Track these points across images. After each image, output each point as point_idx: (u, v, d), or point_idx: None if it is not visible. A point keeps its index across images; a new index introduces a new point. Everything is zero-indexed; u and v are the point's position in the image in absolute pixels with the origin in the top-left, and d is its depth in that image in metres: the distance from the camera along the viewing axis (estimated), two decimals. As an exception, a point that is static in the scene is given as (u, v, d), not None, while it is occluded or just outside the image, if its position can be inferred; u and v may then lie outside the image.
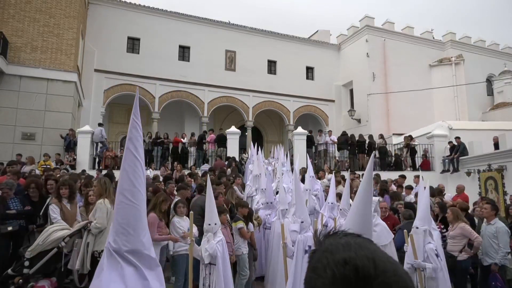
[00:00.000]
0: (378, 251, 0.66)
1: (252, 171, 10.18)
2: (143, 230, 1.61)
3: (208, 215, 4.24)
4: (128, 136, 1.63)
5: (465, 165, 13.81)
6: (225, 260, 4.25)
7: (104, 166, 12.96)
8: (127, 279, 1.44)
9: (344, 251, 0.65)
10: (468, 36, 24.72)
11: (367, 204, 2.40)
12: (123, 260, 1.48)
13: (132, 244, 1.50)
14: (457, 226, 5.23)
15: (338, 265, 0.63)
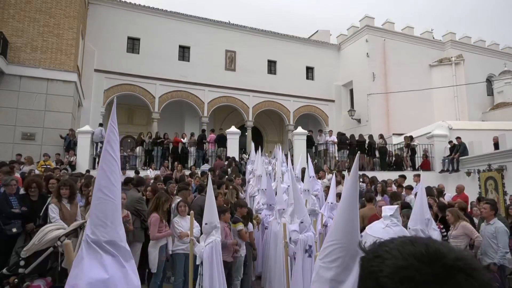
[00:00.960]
0: None
1: (252, 171, 10.19)
2: (119, 224, 1.75)
3: (206, 215, 4.23)
4: (106, 139, 1.80)
5: (465, 165, 13.81)
6: (215, 260, 4.19)
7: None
8: (107, 267, 1.55)
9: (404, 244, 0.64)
10: (468, 36, 24.72)
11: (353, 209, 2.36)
12: (102, 250, 1.60)
13: (110, 235, 1.63)
14: (459, 226, 5.24)
15: (404, 245, 0.63)
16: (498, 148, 13.21)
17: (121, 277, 1.56)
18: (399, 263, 0.61)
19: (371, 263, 0.66)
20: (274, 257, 5.67)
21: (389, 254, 0.63)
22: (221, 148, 15.10)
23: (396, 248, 0.63)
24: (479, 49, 24.53)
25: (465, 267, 0.59)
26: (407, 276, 0.59)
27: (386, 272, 0.61)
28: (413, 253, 0.61)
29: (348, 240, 2.33)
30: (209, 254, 4.15)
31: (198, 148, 15.11)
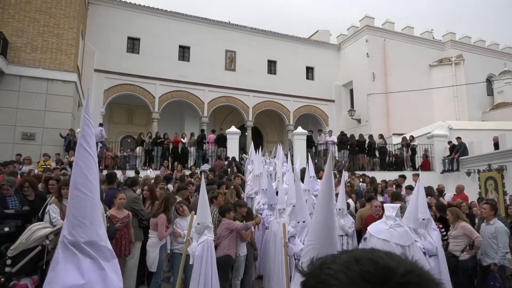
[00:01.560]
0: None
1: (251, 171, 10.18)
2: (99, 222, 1.64)
3: (199, 214, 4.22)
4: (81, 133, 1.69)
5: (465, 165, 13.80)
6: (207, 260, 4.17)
7: (104, 166, 12.96)
8: (84, 270, 1.45)
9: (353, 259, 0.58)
10: (468, 36, 24.72)
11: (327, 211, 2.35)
12: (80, 252, 1.49)
13: (89, 235, 1.52)
14: (459, 226, 5.24)
15: (350, 265, 0.56)
16: (498, 148, 13.21)
17: (99, 281, 1.47)
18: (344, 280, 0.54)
19: (315, 270, 0.60)
20: (274, 257, 5.67)
21: (334, 279, 0.56)
22: (221, 148, 15.10)
23: (341, 270, 0.56)
24: (479, 49, 24.53)
25: (418, 280, 0.55)
26: None
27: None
28: (361, 275, 0.54)
29: (320, 241, 2.34)
30: (200, 253, 4.12)
31: (198, 148, 15.11)
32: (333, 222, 2.37)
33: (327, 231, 2.34)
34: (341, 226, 5.82)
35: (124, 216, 5.08)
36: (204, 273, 4.10)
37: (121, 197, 5.12)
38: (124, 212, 5.14)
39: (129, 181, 6.59)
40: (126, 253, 5.03)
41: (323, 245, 2.33)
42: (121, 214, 5.08)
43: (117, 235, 4.94)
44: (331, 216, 2.36)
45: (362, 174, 11.82)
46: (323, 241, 2.34)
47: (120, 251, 4.94)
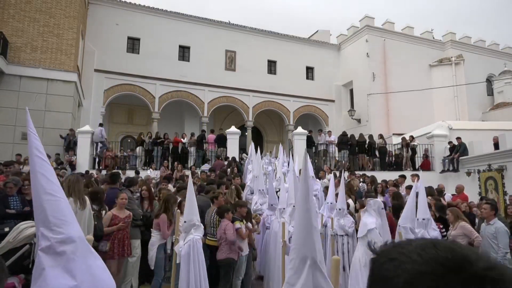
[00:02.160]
0: None
1: (251, 172, 10.19)
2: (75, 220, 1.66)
3: (185, 213, 4.15)
4: (32, 145, 1.77)
5: (465, 165, 13.80)
6: (193, 259, 4.08)
7: (104, 166, 12.96)
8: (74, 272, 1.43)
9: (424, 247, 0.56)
10: (468, 36, 24.73)
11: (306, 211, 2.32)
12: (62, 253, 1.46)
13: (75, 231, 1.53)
14: (458, 226, 5.23)
15: (426, 248, 0.55)
16: (498, 148, 13.20)
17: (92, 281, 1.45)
18: (420, 268, 0.53)
19: (384, 266, 0.58)
20: (275, 257, 5.68)
21: (406, 257, 0.55)
22: (221, 148, 15.09)
23: (416, 251, 0.55)
24: (479, 49, 24.53)
25: (498, 277, 0.51)
26: (429, 283, 0.51)
27: (403, 278, 0.53)
28: (436, 258, 0.53)
29: (300, 242, 2.32)
30: (187, 252, 4.04)
31: (198, 148, 15.11)
32: (311, 223, 2.32)
33: (306, 231, 2.31)
34: (341, 226, 5.82)
35: (126, 216, 5.11)
36: (194, 273, 3.99)
37: (122, 197, 5.13)
38: (125, 212, 5.17)
39: (127, 182, 6.60)
40: (129, 252, 5.06)
41: (303, 245, 2.31)
42: (123, 214, 5.10)
43: (120, 235, 4.96)
44: (309, 216, 2.32)
45: (362, 174, 11.82)
46: (303, 241, 2.32)
47: (124, 251, 4.97)
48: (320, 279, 2.28)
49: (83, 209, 4.50)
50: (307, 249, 2.29)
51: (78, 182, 4.66)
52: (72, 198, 4.46)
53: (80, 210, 4.45)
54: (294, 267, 2.29)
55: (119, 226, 4.90)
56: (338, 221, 5.76)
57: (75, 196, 4.49)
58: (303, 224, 2.33)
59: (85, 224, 4.53)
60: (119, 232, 4.95)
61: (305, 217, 2.34)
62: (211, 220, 5.55)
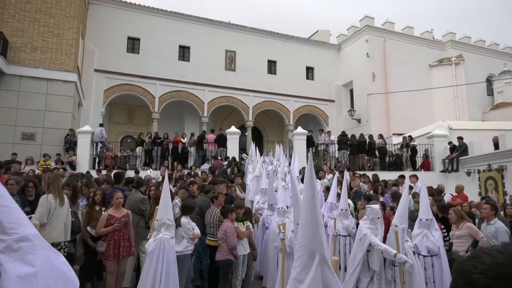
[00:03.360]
0: None
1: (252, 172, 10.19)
2: (29, 222, 1.66)
3: (159, 211, 4.11)
4: None
5: (465, 165, 13.80)
6: (159, 259, 4.01)
7: (104, 166, 12.96)
8: (33, 262, 1.44)
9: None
10: (468, 36, 24.73)
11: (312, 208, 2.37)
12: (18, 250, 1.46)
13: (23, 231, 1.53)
14: (464, 226, 5.21)
15: (507, 246, 0.60)
16: (498, 148, 13.20)
17: (50, 269, 1.46)
18: (497, 260, 0.57)
19: (464, 263, 0.63)
20: (274, 257, 5.67)
21: (487, 254, 0.60)
22: (221, 148, 15.09)
23: (496, 249, 0.60)
24: (479, 49, 24.53)
25: None
26: (505, 272, 0.55)
27: (480, 268, 0.58)
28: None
29: (307, 239, 2.35)
30: (153, 251, 3.99)
31: (198, 148, 15.10)
32: (318, 219, 2.37)
33: (313, 228, 2.35)
34: (346, 226, 5.80)
35: (122, 215, 5.00)
36: (156, 273, 3.92)
37: (117, 197, 5.07)
38: (122, 211, 5.07)
39: (135, 182, 6.55)
40: (125, 254, 4.91)
41: (311, 241, 2.33)
42: (119, 213, 5.00)
43: (116, 236, 4.87)
44: (316, 213, 2.37)
45: (362, 174, 11.82)
46: (310, 237, 2.34)
47: (119, 252, 4.85)
48: (329, 274, 2.32)
49: (61, 205, 4.54)
50: (316, 245, 2.32)
51: (57, 179, 4.71)
52: (52, 195, 4.49)
53: (59, 206, 4.50)
54: (302, 263, 2.30)
55: (114, 227, 4.84)
56: (342, 221, 5.75)
57: (54, 193, 4.53)
58: (310, 221, 2.36)
59: (63, 220, 4.57)
60: (115, 233, 4.87)
61: (312, 214, 2.37)
62: (211, 220, 5.54)
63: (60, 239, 4.51)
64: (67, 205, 4.68)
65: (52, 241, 4.39)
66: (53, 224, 4.45)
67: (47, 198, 4.48)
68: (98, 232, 4.90)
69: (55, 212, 4.47)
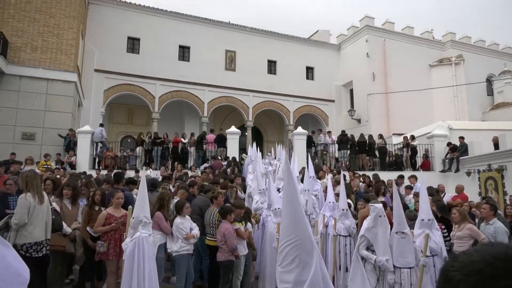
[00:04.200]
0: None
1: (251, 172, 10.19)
2: None
3: (135, 208, 4.07)
4: None
5: (465, 165, 13.80)
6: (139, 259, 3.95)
7: (104, 166, 12.96)
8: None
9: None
10: (468, 36, 24.73)
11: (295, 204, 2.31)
12: None
13: None
14: (465, 227, 5.21)
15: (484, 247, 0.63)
16: (498, 148, 13.20)
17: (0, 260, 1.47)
18: (472, 258, 0.61)
19: (446, 264, 0.67)
20: (270, 257, 5.67)
21: (464, 254, 0.64)
22: (221, 148, 15.09)
23: (473, 249, 0.64)
24: (479, 49, 24.53)
25: None
26: (476, 268, 0.59)
27: (456, 267, 0.62)
28: (489, 252, 0.61)
29: (299, 236, 2.26)
30: (132, 250, 3.94)
31: (198, 148, 15.10)
32: (303, 215, 2.31)
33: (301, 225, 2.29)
34: (347, 227, 5.79)
35: (121, 215, 5.03)
36: (137, 272, 3.85)
37: (118, 197, 5.11)
38: (121, 211, 5.09)
39: (151, 185, 6.38)
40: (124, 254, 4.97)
41: (303, 238, 2.26)
42: (118, 213, 5.04)
43: (117, 235, 4.88)
44: (300, 209, 2.32)
45: (362, 174, 11.82)
46: (302, 235, 2.27)
47: (121, 251, 4.78)
48: (324, 268, 2.29)
49: (41, 203, 4.52)
50: (309, 241, 2.26)
51: (36, 177, 4.69)
52: (30, 194, 4.47)
53: (38, 205, 4.48)
54: (302, 263, 2.23)
55: (111, 226, 4.86)
56: (343, 221, 5.74)
57: (33, 191, 4.51)
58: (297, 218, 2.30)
59: (44, 218, 4.55)
60: (116, 232, 4.88)
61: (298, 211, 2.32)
62: (211, 220, 5.53)
63: (42, 237, 4.51)
64: (47, 202, 4.67)
65: (33, 240, 4.40)
66: (34, 223, 4.43)
67: (26, 197, 4.43)
68: (96, 230, 4.91)
69: (35, 211, 4.44)
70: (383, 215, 4.66)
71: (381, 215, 4.65)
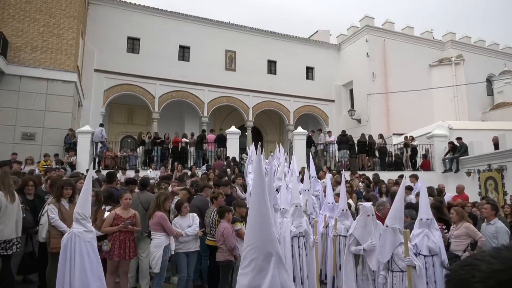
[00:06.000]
0: None
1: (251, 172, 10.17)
2: None
3: (77, 204, 4.12)
4: None
5: (465, 165, 13.80)
6: (71, 254, 3.98)
7: (104, 166, 12.96)
8: None
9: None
10: (468, 36, 24.72)
11: (261, 208, 2.25)
12: None
13: None
14: (462, 226, 5.22)
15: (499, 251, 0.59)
16: (498, 148, 13.20)
17: None
18: (494, 267, 0.56)
19: (459, 272, 0.60)
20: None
21: (480, 261, 0.58)
22: (221, 148, 15.08)
23: (489, 255, 0.59)
24: (479, 49, 24.53)
25: None
26: (504, 279, 0.54)
27: (479, 277, 0.56)
28: (510, 257, 0.56)
29: (259, 240, 2.23)
30: (64, 244, 4.00)
31: (198, 148, 15.09)
32: (268, 218, 2.25)
33: (265, 227, 2.23)
34: (347, 227, 5.79)
35: (130, 215, 5.05)
36: (69, 268, 3.91)
37: (126, 197, 5.12)
38: (130, 211, 5.11)
39: (141, 184, 6.46)
40: (131, 255, 4.98)
41: (265, 242, 2.21)
42: (126, 214, 5.04)
43: (122, 237, 4.90)
44: (266, 211, 2.25)
45: (361, 174, 11.81)
46: (263, 238, 2.22)
47: (125, 253, 4.89)
48: (285, 275, 2.23)
49: (12, 202, 4.55)
50: (270, 246, 2.21)
51: (7, 176, 4.71)
52: (2, 192, 4.49)
53: (10, 203, 4.51)
54: (257, 267, 2.16)
55: (119, 227, 4.87)
56: (344, 222, 5.74)
57: (5, 190, 4.54)
58: (261, 220, 2.24)
59: (15, 217, 4.58)
60: (121, 234, 4.89)
61: (263, 213, 2.25)
62: (211, 221, 5.53)
63: (12, 235, 4.54)
64: (17, 201, 4.70)
65: (3, 238, 4.44)
66: (5, 221, 4.46)
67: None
68: (103, 230, 4.92)
69: (7, 210, 4.47)
70: (372, 214, 4.68)
71: (370, 214, 4.67)
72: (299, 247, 5.22)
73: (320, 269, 5.87)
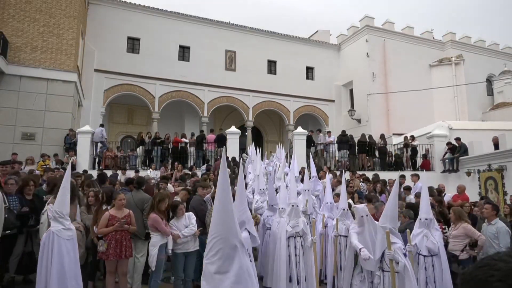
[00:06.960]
0: None
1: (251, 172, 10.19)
2: None
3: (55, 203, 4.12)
4: None
5: (465, 165, 13.80)
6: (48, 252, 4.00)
7: (104, 166, 12.95)
8: None
9: None
10: (468, 36, 24.72)
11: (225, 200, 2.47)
12: None
13: None
14: (460, 226, 5.22)
15: None
16: (498, 148, 13.20)
17: None
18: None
19: (475, 273, 0.60)
20: (274, 257, 5.66)
21: (497, 261, 0.59)
22: (221, 148, 15.07)
23: (506, 254, 0.60)
24: (479, 49, 24.52)
25: None
26: None
27: (498, 276, 0.56)
28: None
29: (225, 230, 2.45)
30: (44, 242, 4.04)
31: (198, 148, 15.09)
32: (232, 212, 2.46)
33: (228, 219, 2.44)
34: (349, 227, 5.79)
35: (124, 215, 5.06)
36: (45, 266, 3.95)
37: (120, 198, 5.11)
38: (124, 211, 5.12)
39: (136, 183, 6.49)
40: (127, 254, 4.98)
41: (229, 233, 2.42)
42: (120, 214, 5.05)
43: (118, 236, 4.90)
44: (230, 206, 2.46)
45: (362, 174, 11.82)
46: (228, 229, 2.43)
47: (121, 252, 4.89)
48: (248, 261, 2.48)
49: None
50: (233, 236, 2.44)
51: None
52: None
53: None
54: (224, 255, 2.39)
55: (115, 227, 4.88)
56: (344, 222, 5.74)
57: None
58: (224, 213, 2.45)
59: None
60: (116, 233, 4.90)
61: (227, 208, 2.46)
62: (211, 220, 5.54)
63: None
64: (0, 201, 4.70)
65: None
66: None
67: None
68: (99, 232, 4.93)
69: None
70: (365, 215, 4.69)
71: (363, 215, 4.69)
72: (296, 247, 5.21)
73: (320, 269, 5.87)
